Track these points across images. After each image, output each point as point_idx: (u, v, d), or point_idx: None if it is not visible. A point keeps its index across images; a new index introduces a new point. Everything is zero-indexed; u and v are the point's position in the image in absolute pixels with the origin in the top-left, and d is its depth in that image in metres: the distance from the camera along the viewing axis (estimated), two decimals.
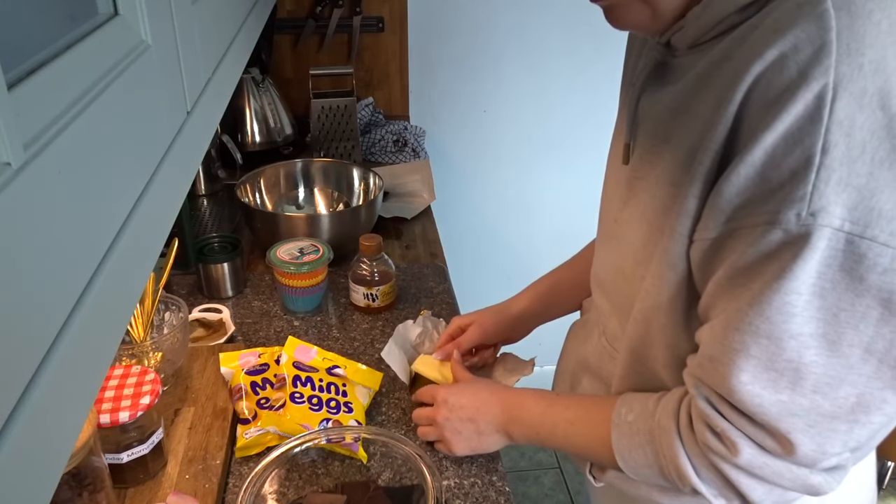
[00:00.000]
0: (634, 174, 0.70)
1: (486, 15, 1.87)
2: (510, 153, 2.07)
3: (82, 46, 0.33)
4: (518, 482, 2.16)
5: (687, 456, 0.64)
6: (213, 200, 1.58)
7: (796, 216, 0.51)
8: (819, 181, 0.50)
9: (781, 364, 0.56)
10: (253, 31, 0.93)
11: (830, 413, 0.56)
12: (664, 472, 0.66)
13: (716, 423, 0.61)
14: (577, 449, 0.79)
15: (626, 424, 0.70)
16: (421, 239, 1.48)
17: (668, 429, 0.65)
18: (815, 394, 0.56)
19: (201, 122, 0.54)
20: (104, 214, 0.33)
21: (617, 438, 0.70)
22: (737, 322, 0.57)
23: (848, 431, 0.57)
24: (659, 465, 0.66)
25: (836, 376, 0.55)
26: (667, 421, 0.66)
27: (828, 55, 0.50)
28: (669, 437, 0.65)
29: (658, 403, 0.68)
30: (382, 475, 0.85)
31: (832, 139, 0.50)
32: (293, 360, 0.99)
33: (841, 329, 0.53)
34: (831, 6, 0.51)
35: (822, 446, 0.58)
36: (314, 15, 1.79)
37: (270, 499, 0.82)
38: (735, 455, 0.60)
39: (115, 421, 0.79)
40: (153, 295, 1.00)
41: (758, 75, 0.53)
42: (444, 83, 1.95)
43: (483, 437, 0.86)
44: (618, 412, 0.71)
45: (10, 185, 0.24)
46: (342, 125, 1.68)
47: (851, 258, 0.51)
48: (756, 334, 0.56)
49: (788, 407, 0.57)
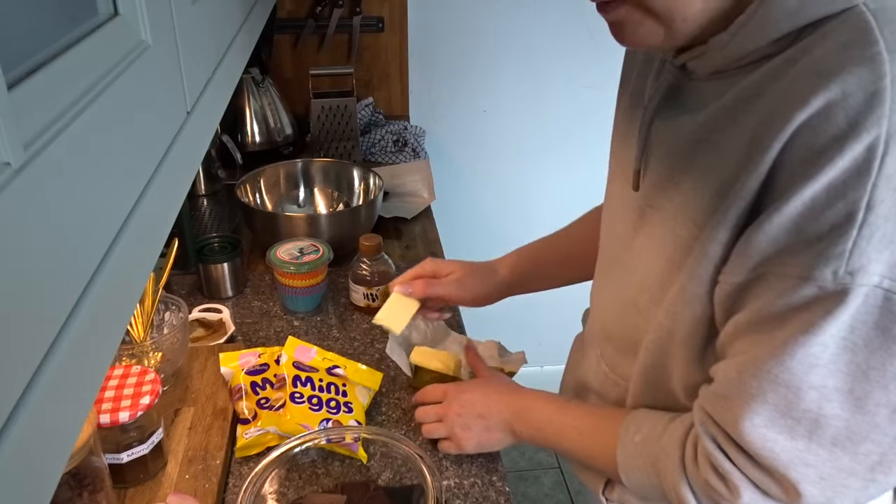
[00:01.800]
0: (647, 202, 0.66)
1: (487, 15, 1.87)
2: (510, 153, 2.07)
3: (82, 46, 0.32)
4: (518, 482, 2.16)
5: (689, 487, 0.63)
6: (213, 200, 1.58)
7: (833, 273, 0.48)
8: (861, 238, 0.47)
9: (799, 413, 0.53)
10: (253, 31, 0.93)
11: (849, 469, 0.54)
12: (666, 494, 0.66)
13: (720, 463, 0.59)
14: (581, 458, 0.78)
15: (633, 444, 0.69)
16: (421, 239, 1.48)
17: (672, 456, 0.64)
18: (834, 446, 0.53)
19: (201, 122, 0.54)
20: (104, 214, 0.33)
21: (622, 457, 0.69)
22: (754, 368, 0.55)
23: (862, 489, 0.55)
24: (662, 487, 0.66)
25: (859, 433, 0.53)
26: (673, 448, 0.64)
27: (881, 104, 0.46)
28: (673, 466, 0.64)
29: (666, 428, 0.66)
30: (382, 475, 0.85)
31: (878, 195, 0.47)
32: (293, 360, 0.99)
33: (869, 387, 0.51)
34: (884, 49, 0.47)
35: (832, 500, 0.55)
36: (314, 15, 1.79)
37: (270, 499, 0.82)
38: (735, 499, 0.59)
39: (115, 421, 0.79)
40: (153, 295, 1.00)
41: (801, 123, 0.49)
42: (444, 83, 1.95)
43: (492, 434, 0.86)
44: (626, 429, 0.70)
45: (10, 185, 0.24)
46: (342, 125, 1.68)
47: (888, 316, 0.49)
48: (774, 382, 0.54)
49: (803, 456, 0.54)
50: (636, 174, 0.68)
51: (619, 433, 0.70)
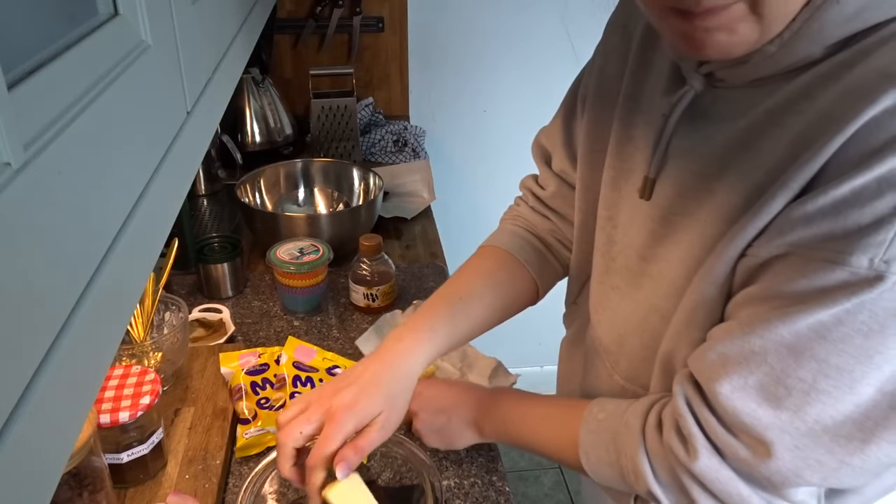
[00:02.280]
0: (673, 210, 0.66)
1: (487, 15, 1.87)
2: (510, 153, 2.06)
3: (82, 46, 0.33)
4: (518, 482, 2.16)
5: (647, 455, 0.63)
6: (213, 200, 1.58)
7: (869, 261, 0.50)
8: None
9: (792, 381, 0.54)
10: (253, 31, 0.93)
11: (826, 447, 0.55)
12: (623, 472, 0.65)
13: (685, 424, 0.60)
14: (543, 446, 0.76)
15: (596, 422, 0.69)
16: (421, 239, 1.48)
17: (633, 427, 0.65)
18: (817, 422, 0.54)
19: (201, 122, 0.54)
20: (104, 214, 0.33)
21: (584, 435, 0.69)
22: (761, 328, 0.55)
23: (834, 470, 0.55)
24: (619, 464, 0.66)
25: (843, 411, 0.53)
26: (634, 420, 0.65)
27: None
28: (633, 435, 0.64)
29: (630, 405, 0.67)
30: (382, 475, 0.85)
31: None
32: (293, 361, 0.99)
33: (868, 369, 0.52)
34: None
35: (801, 471, 0.56)
36: (314, 15, 1.79)
37: (270, 499, 0.82)
38: (692, 460, 0.59)
39: (115, 421, 0.79)
40: (153, 295, 1.00)
41: (867, 120, 0.50)
42: (444, 83, 1.95)
43: (453, 430, 0.84)
44: (590, 411, 0.70)
45: (10, 185, 0.24)
46: (342, 125, 1.68)
47: None
48: (778, 343, 0.54)
49: (784, 425, 0.55)
50: (648, 183, 0.67)
51: (584, 414, 0.70)
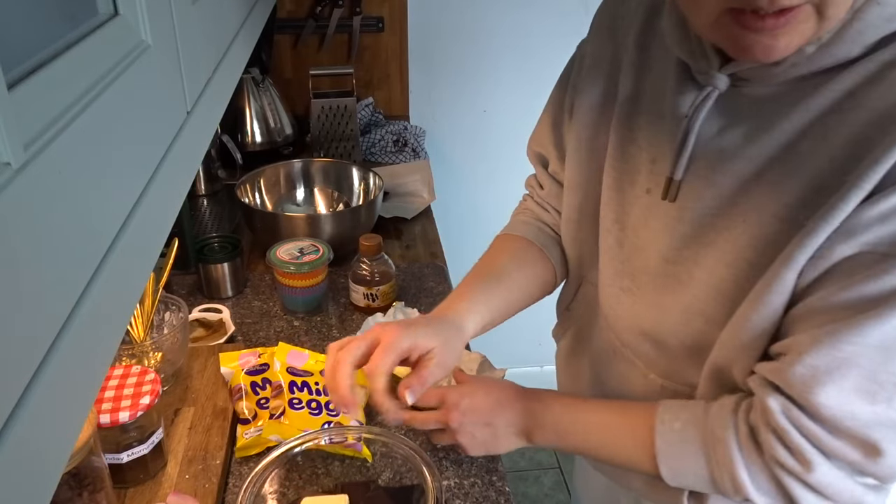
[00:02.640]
0: (704, 212, 0.66)
1: (487, 15, 1.87)
2: (510, 153, 2.06)
3: (82, 46, 0.33)
4: (518, 482, 2.16)
5: (745, 467, 0.63)
6: (213, 200, 1.58)
7: None
8: None
9: (884, 376, 0.55)
10: (253, 31, 0.93)
11: None
12: (715, 481, 0.65)
13: (791, 438, 0.60)
14: (611, 456, 0.76)
15: (673, 432, 0.68)
16: (421, 239, 1.48)
17: (723, 439, 0.64)
18: None
19: (201, 122, 0.54)
20: (104, 214, 0.33)
21: (663, 446, 0.68)
22: (851, 335, 0.56)
23: None
24: (711, 474, 0.65)
25: None
26: (722, 432, 0.64)
27: None
28: (727, 447, 0.64)
29: (707, 412, 0.67)
30: (382, 475, 0.85)
31: None
32: (286, 366, 0.99)
33: None
34: None
35: None
36: (314, 15, 1.79)
37: (270, 499, 0.82)
38: (808, 472, 0.59)
39: (115, 421, 0.79)
40: (153, 295, 1.00)
41: None
42: (444, 83, 1.95)
43: (500, 441, 0.82)
44: (661, 419, 0.69)
45: (10, 185, 0.24)
46: (342, 125, 1.68)
47: None
48: (869, 345, 0.55)
49: (880, 418, 0.57)
50: (671, 184, 0.67)
51: (655, 423, 0.69)
